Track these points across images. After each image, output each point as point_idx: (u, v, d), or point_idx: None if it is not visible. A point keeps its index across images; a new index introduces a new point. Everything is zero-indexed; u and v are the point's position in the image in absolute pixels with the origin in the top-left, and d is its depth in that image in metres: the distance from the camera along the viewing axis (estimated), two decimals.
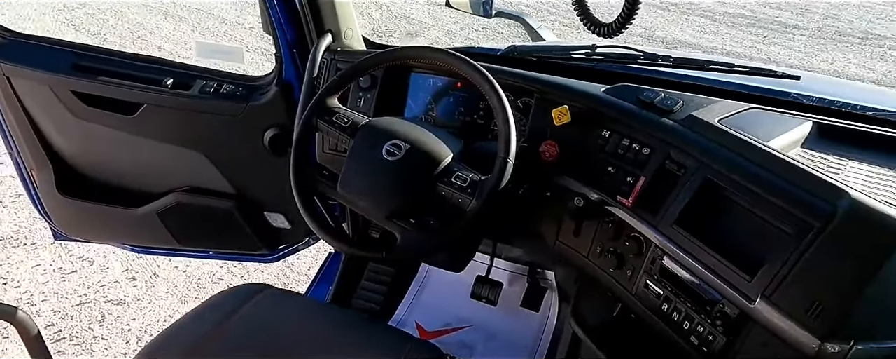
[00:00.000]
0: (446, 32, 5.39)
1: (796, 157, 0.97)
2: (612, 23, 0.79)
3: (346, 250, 1.12)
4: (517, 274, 1.70)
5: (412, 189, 1.07)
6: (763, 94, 1.20)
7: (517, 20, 2.56)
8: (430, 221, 1.08)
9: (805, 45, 5.49)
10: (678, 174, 1.02)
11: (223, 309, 1.12)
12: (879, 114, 1.18)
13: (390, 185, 1.08)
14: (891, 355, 0.81)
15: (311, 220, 1.11)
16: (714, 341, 0.93)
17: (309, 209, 1.11)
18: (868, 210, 0.83)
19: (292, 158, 1.15)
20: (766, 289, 0.86)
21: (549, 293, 1.65)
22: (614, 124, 1.13)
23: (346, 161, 1.13)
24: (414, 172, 1.07)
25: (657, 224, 1.02)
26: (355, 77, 1.25)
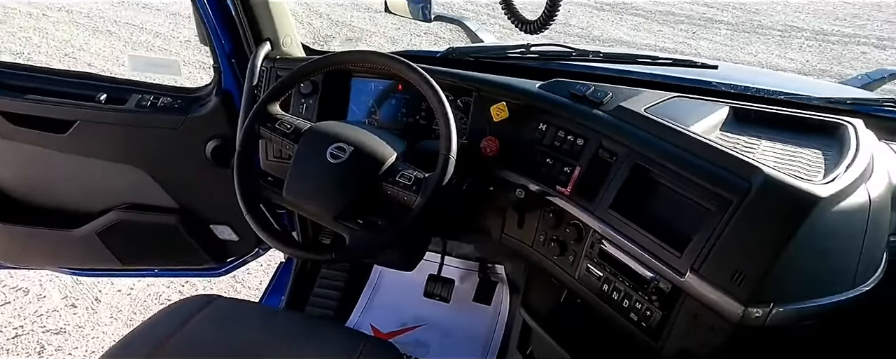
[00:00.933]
0: (389, 39, 5.40)
1: (715, 139, 1.04)
2: (536, 20, 0.84)
3: (296, 254, 1.12)
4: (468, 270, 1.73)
5: (358, 190, 1.08)
6: (685, 83, 1.28)
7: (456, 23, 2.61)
8: (379, 222, 1.10)
9: (730, 39, 5.79)
10: (610, 162, 1.08)
11: (170, 323, 1.10)
12: (789, 97, 1.28)
13: (336, 187, 1.09)
14: (806, 313, 0.89)
15: (258, 226, 1.11)
16: (651, 316, 0.99)
17: (255, 216, 1.11)
18: (779, 184, 0.90)
19: (235, 166, 1.15)
20: (694, 262, 0.92)
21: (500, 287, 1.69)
22: (549, 118, 1.18)
23: (291, 166, 1.14)
24: (359, 173, 1.09)
25: (594, 210, 1.07)
26: (296, 83, 1.26)
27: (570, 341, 1.20)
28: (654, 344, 0.99)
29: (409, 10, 2.03)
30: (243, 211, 1.12)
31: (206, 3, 1.41)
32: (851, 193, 0.91)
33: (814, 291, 0.89)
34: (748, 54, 5.46)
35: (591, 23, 6.11)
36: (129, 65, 1.59)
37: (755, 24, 6.23)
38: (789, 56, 5.44)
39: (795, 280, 0.88)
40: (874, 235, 0.94)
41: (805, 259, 0.88)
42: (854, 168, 0.94)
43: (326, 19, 5.87)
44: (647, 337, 1.00)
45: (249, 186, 1.15)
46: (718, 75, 1.33)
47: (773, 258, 0.86)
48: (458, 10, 6.20)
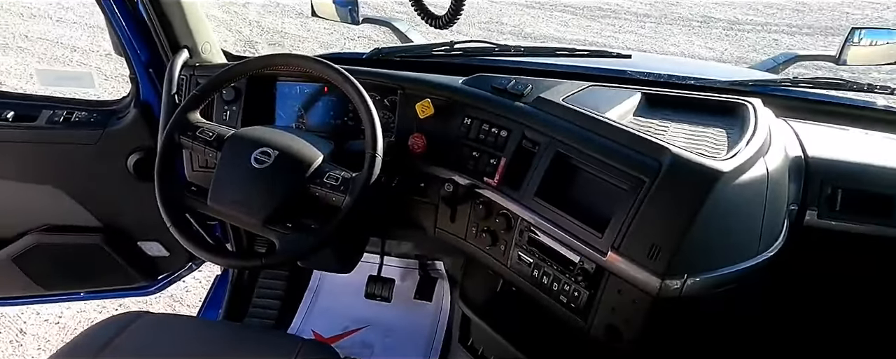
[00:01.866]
0: (321, 44, 5.34)
1: (628, 124, 1.10)
2: (443, 15, 0.86)
3: (224, 263, 1.10)
4: (408, 268, 1.74)
5: (285, 193, 1.08)
6: (600, 73, 1.34)
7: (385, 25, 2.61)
8: (312, 225, 1.10)
9: (655, 31, 6.04)
10: (533, 151, 1.12)
11: (94, 343, 1.06)
12: (698, 82, 1.36)
13: (262, 191, 1.08)
14: (717, 282, 0.95)
15: (183, 237, 1.08)
16: (579, 296, 1.03)
17: (180, 227, 1.09)
18: (685, 162, 0.96)
19: (156, 177, 1.12)
20: (614, 241, 0.97)
21: (440, 282, 1.71)
22: (473, 112, 1.20)
23: (215, 173, 1.12)
24: (285, 177, 1.08)
25: (520, 199, 1.10)
26: (216, 90, 1.23)
27: (507, 329, 1.23)
28: (583, 323, 1.03)
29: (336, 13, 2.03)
30: (167, 223, 1.09)
31: (117, 12, 1.37)
32: (751, 167, 0.97)
33: (722, 260, 0.95)
34: (672, 45, 5.71)
35: (522, 20, 6.24)
36: (38, 79, 1.53)
37: (676, 16, 6.52)
38: (709, 45, 5.72)
39: (705, 251, 0.94)
40: (774, 204, 1.02)
41: (712, 231, 0.93)
42: (753, 144, 1.01)
43: (256, 27, 5.74)
44: (576, 317, 1.04)
45: (172, 197, 1.12)
46: (632, 64, 1.40)
47: (683, 232, 0.91)
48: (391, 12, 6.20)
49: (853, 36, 1.71)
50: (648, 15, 6.53)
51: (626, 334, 0.98)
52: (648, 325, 0.96)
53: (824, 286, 1.18)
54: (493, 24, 6.05)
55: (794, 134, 1.18)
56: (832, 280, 1.17)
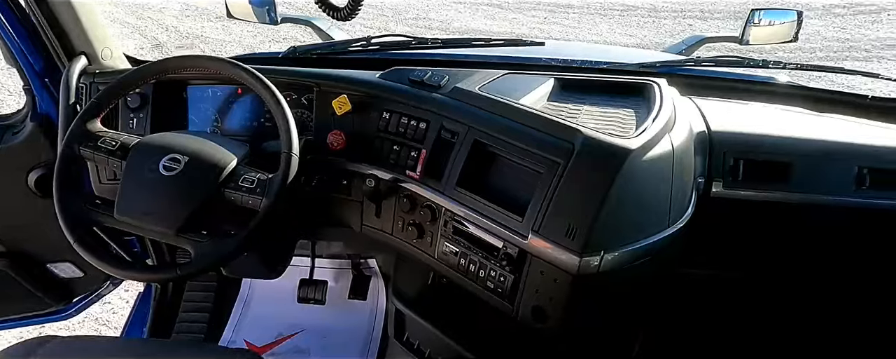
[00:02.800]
0: (245, 47, 5.19)
1: (542, 109, 1.12)
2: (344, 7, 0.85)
3: (137, 277, 1.05)
4: (341, 269, 1.72)
5: (198, 200, 1.04)
6: (515, 61, 1.36)
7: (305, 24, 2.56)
8: (232, 231, 1.06)
9: (578, 22, 6.21)
10: (453, 141, 1.12)
11: None
12: (610, 66, 1.41)
13: (174, 200, 1.04)
14: (632, 255, 0.98)
15: (89, 253, 1.02)
16: (504, 281, 1.05)
17: (84, 244, 1.03)
18: (596, 142, 0.99)
19: (55, 192, 1.05)
20: (534, 224, 0.99)
21: (374, 280, 1.70)
22: (391, 105, 1.20)
23: (121, 184, 1.06)
24: (197, 183, 1.05)
25: (443, 189, 1.11)
26: (117, 96, 1.17)
27: (440, 320, 1.24)
28: (510, 307, 1.05)
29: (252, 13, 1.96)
30: (70, 240, 1.03)
31: (2, 18, 1.27)
32: (657, 143, 1.01)
33: (636, 234, 0.99)
34: (595, 34, 5.90)
35: (449, 16, 6.27)
36: None
37: (598, 6, 6.73)
38: (629, 33, 5.94)
39: (619, 227, 0.97)
40: (681, 178, 1.06)
41: (625, 206, 0.97)
42: (658, 121, 1.05)
43: (174, 32, 5.51)
44: (504, 301, 1.06)
45: (74, 213, 1.06)
46: (545, 51, 1.43)
47: (597, 210, 0.94)
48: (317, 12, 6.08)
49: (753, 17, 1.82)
50: (571, 6, 6.71)
51: (552, 314, 1.00)
52: (571, 303, 0.98)
53: (733, 251, 1.25)
54: (420, 21, 6.06)
55: (697, 110, 1.24)
56: (740, 244, 1.24)
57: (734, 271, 1.28)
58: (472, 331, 1.21)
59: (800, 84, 1.45)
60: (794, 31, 1.84)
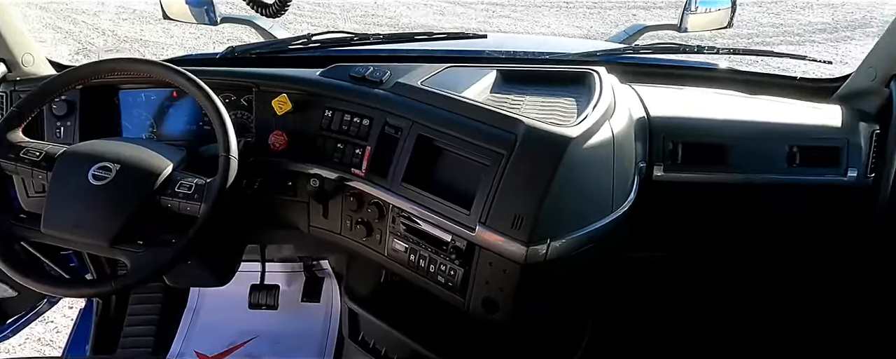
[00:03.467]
0: (187, 50, 5.03)
1: (485, 101, 1.12)
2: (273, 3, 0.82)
3: (70, 293, 1.01)
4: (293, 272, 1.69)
5: (131, 209, 1.00)
6: (457, 54, 1.36)
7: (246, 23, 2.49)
8: (173, 240, 1.02)
9: (526, 14, 6.28)
10: (397, 137, 1.11)
11: None
12: (553, 56, 1.42)
13: (105, 210, 0.99)
14: (578, 242, 1.00)
15: (14, 270, 0.97)
16: (455, 274, 1.04)
17: (8, 260, 0.97)
18: (538, 132, 1.00)
19: None
20: (481, 216, 0.99)
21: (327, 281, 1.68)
22: (333, 103, 1.18)
23: (47, 196, 1.01)
24: (129, 192, 1.00)
25: (389, 186, 1.10)
26: (40, 104, 1.11)
27: (394, 318, 1.23)
28: (462, 300, 1.05)
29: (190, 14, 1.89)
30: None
31: None
32: (597, 131, 1.03)
33: (580, 221, 1.00)
34: (543, 26, 5.97)
35: (398, 12, 6.24)
36: None
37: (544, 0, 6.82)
38: (576, 24, 6.05)
39: (564, 214, 0.98)
40: (622, 163, 1.08)
41: (568, 194, 0.98)
42: (598, 109, 1.06)
43: (111, 36, 5.29)
44: (455, 295, 1.05)
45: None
46: (488, 44, 1.43)
47: (542, 198, 0.95)
48: None
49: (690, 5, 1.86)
50: None
51: (502, 305, 1.01)
52: (520, 292, 0.99)
53: (677, 232, 1.28)
54: (368, 18, 6.01)
55: (637, 97, 1.27)
56: (683, 226, 1.27)
57: (679, 252, 1.31)
58: (427, 326, 1.21)
59: (734, 68, 1.50)
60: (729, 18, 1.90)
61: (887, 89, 1.23)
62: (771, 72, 1.54)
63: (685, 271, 1.35)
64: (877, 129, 1.23)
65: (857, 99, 1.29)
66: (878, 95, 1.26)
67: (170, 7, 1.86)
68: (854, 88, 1.30)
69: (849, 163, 1.21)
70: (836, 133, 1.23)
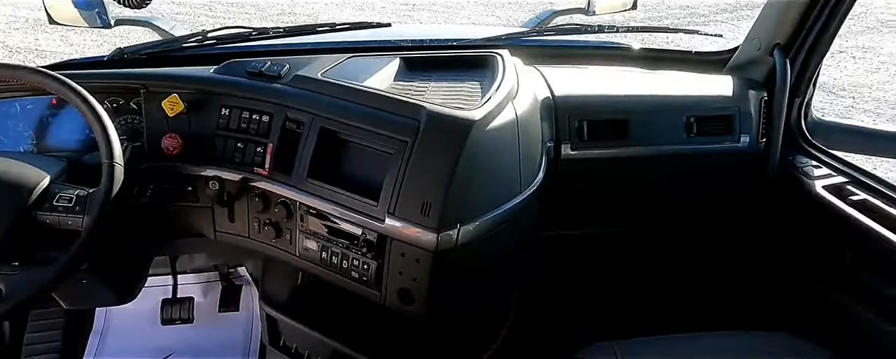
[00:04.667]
0: None
1: (388, 89, 1.10)
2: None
3: None
4: (209, 282, 1.61)
5: (3, 228, 0.91)
6: (361, 44, 1.32)
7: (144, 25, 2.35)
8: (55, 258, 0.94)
9: (446, 7, 6.29)
10: (299, 131, 1.07)
11: None
12: (459, 42, 1.41)
13: None
14: (489, 224, 0.99)
15: None
16: (368, 268, 1.02)
17: None
18: (441, 117, 0.98)
19: None
20: (389, 207, 0.97)
21: (245, 288, 1.61)
22: (230, 100, 1.12)
23: None
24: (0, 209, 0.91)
25: (295, 183, 1.06)
26: None
27: (314, 319, 1.19)
28: (378, 293, 1.03)
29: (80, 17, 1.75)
30: None
31: None
32: (500, 113, 1.03)
33: (489, 203, 1.00)
34: (463, 17, 6.00)
35: (316, 9, 6.10)
36: None
37: None
38: (495, 14, 6.11)
39: (472, 198, 0.98)
40: (528, 143, 1.09)
41: (475, 177, 0.97)
42: (501, 91, 1.06)
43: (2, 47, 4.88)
44: (371, 289, 1.03)
45: None
46: (392, 33, 1.41)
47: (448, 183, 0.94)
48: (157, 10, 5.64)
49: None
50: None
51: (418, 295, 0.99)
52: (435, 280, 0.98)
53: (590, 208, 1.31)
54: (286, 16, 5.83)
55: (542, 78, 1.28)
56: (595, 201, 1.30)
57: (593, 227, 1.34)
58: (347, 324, 1.18)
59: (634, 46, 1.55)
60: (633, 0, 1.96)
61: (771, 58, 1.30)
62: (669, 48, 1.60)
63: (600, 245, 1.39)
64: (765, 96, 1.30)
65: (746, 69, 1.36)
66: (763, 64, 1.32)
67: (55, 10, 1.72)
68: (742, 59, 1.36)
69: (741, 130, 1.27)
70: (728, 102, 1.29)
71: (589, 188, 1.27)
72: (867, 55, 5.12)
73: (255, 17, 5.78)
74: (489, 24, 5.64)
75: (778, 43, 1.28)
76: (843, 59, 5.04)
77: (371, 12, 6.11)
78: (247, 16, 5.81)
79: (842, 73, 4.73)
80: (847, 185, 1.18)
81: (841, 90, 4.42)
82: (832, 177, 1.21)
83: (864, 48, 5.26)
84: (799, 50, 1.28)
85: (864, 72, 4.78)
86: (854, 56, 5.09)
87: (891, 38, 5.47)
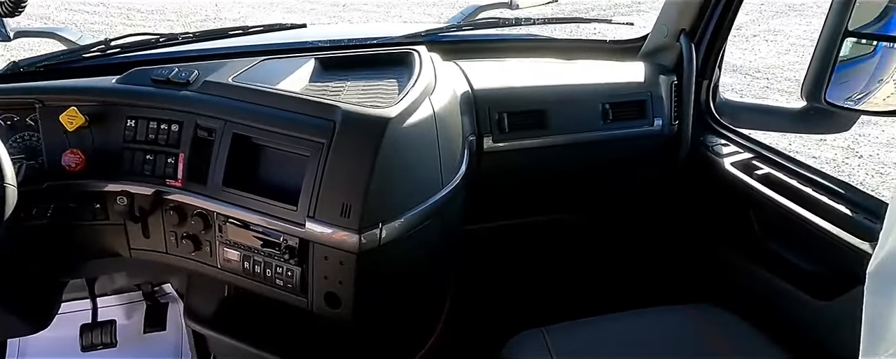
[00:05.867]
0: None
1: (303, 91, 1.07)
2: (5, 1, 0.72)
3: None
4: (132, 302, 1.54)
5: None
6: (275, 47, 1.29)
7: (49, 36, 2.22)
8: None
9: (377, 6, 6.25)
10: (211, 139, 1.04)
11: None
12: (378, 40, 1.40)
13: None
14: (413, 221, 0.99)
15: None
16: (292, 274, 1.00)
17: None
18: (356, 116, 0.97)
19: None
20: (309, 210, 0.95)
21: (172, 306, 1.55)
22: (135, 111, 1.07)
23: None
24: None
25: (210, 193, 1.03)
26: None
27: (244, 332, 1.16)
28: (304, 299, 1.01)
29: None
30: None
31: None
32: (417, 109, 1.02)
33: (411, 200, 1.00)
34: (394, 16, 5.99)
35: (243, 13, 5.93)
36: None
37: None
38: (427, 12, 6.12)
39: (393, 196, 0.97)
40: (447, 138, 1.09)
41: (394, 175, 0.97)
42: (417, 87, 1.06)
43: None
44: (297, 296, 1.01)
45: None
46: (308, 34, 1.38)
47: (367, 183, 0.93)
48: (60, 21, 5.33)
49: None
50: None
51: (345, 298, 0.98)
52: (361, 282, 0.97)
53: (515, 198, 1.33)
54: (210, 22, 5.64)
55: (461, 72, 1.29)
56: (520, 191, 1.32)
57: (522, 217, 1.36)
58: (277, 334, 1.15)
59: (551, 37, 1.58)
60: None
61: (678, 44, 1.35)
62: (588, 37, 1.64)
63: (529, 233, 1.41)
64: (675, 80, 1.36)
65: (657, 55, 1.41)
66: (671, 49, 1.38)
67: None
68: (652, 46, 1.42)
69: (654, 113, 1.32)
70: (641, 88, 1.34)
71: (513, 179, 1.29)
72: (778, 38, 5.44)
73: (177, 24, 5.56)
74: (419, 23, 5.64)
75: (683, 29, 1.34)
76: (756, 42, 5.33)
77: (300, 14, 5.99)
78: (168, 23, 5.59)
79: (756, 56, 5.01)
80: (753, 160, 1.25)
81: (756, 72, 4.68)
82: (739, 154, 1.28)
83: (774, 31, 5.59)
84: (703, 35, 1.34)
85: (776, 54, 5.08)
86: (766, 39, 5.40)
87: (797, 20, 5.84)
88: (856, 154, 3.44)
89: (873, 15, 1.08)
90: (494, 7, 2.46)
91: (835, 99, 1.06)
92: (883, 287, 0.51)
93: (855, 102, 1.11)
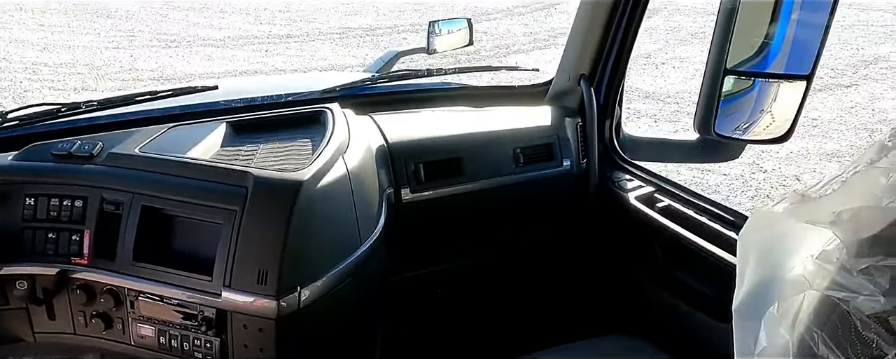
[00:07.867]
0: None
1: (214, 158, 1.07)
2: None
3: None
4: None
5: None
6: (184, 111, 1.28)
7: None
8: None
9: (301, 50, 6.24)
10: (119, 213, 1.01)
11: None
12: (294, 97, 1.41)
13: None
14: (333, 281, 1.00)
15: None
16: (212, 346, 0.98)
17: None
18: (268, 181, 0.98)
19: None
20: (224, 280, 0.94)
21: None
22: (35, 189, 1.03)
23: None
24: None
25: (120, 269, 1.00)
26: None
27: None
28: None
29: None
30: None
31: None
32: (331, 168, 1.04)
33: (329, 260, 1.01)
34: (320, 58, 5.99)
35: (160, 62, 5.77)
36: None
37: (317, 32, 6.85)
38: (352, 54, 6.17)
39: (310, 258, 0.98)
40: (363, 194, 1.11)
41: (310, 237, 0.98)
42: (330, 147, 1.08)
43: None
44: None
45: None
46: (220, 94, 1.38)
47: (282, 248, 0.93)
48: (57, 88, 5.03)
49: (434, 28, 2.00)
50: (291, 35, 6.72)
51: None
52: (282, 348, 0.96)
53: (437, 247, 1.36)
54: (126, 73, 5.45)
55: (376, 126, 1.32)
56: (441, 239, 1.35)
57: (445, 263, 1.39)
58: None
59: (462, 85, 1.64)
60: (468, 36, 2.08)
61: (580, 87, 1.44)
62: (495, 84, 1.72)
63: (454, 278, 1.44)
64: (579, 121, 1.44)
65: (562, 98, 1.50)
66: (574, 92, 1.47)
67: None
68: (557, 90, 1.50)
69: (562, 155, 1.40)
70: (549, 131, 1.41)
71: (433, 226, 1.32)
72: (684, 64, 5.83)
73: (90, 76, 5.34)
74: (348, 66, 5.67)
75: (582, 73, 1.43)
76: (665, 69, 5.70)
77: (220, 61, 5.90)
78: (79, 76, 5.36)
79: (666, 82, 5.34)
80: (654, 193, 1.34)
81: (667, 97, 4.99)
82: (642, 188, 1.36)
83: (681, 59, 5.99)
84: (601, 77, 1.44)
85: (683, 79, 5.44)
86: (674, 66, 5.78)
87: (700, 47, 6.29)
88: (761, 169, 3.72)
89: (751, 51, 1.20)
90: (413, 52, 2.54)
91: (723, 130, 1.17)
92: (744, 321, 0.57)
93: (742, 132, 1.22)
